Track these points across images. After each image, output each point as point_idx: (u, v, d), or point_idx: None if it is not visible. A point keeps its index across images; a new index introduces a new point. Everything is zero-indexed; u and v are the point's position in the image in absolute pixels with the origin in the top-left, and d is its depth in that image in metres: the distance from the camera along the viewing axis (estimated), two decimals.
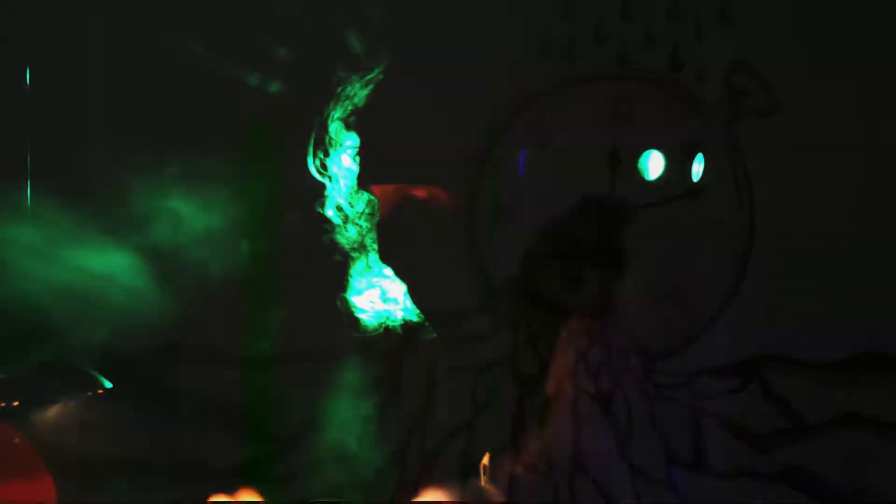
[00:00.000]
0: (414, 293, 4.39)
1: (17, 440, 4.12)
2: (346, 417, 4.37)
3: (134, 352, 4.36)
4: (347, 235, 4.37)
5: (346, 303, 4.35)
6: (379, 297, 4.38)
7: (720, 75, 4.43)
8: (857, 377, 4.39)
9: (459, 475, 4.34)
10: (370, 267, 4.39)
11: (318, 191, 4.33)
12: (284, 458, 4.44)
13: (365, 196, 4.39)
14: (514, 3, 4.41)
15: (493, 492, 4.19)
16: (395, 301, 4.39)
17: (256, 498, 4.06)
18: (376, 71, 4.29)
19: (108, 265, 4.24)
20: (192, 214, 4.27)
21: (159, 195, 4.28)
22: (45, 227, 4.24)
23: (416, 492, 4.22)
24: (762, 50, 4.41)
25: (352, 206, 4.38)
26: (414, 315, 4.39)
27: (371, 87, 4.30)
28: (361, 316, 4.37)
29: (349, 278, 4.36)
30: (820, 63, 4.38)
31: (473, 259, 4.47)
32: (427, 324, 4.39)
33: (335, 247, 4.35)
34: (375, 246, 4.38)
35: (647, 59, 4.45)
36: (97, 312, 4.25)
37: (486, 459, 4.24)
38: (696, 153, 4.42)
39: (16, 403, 4.23)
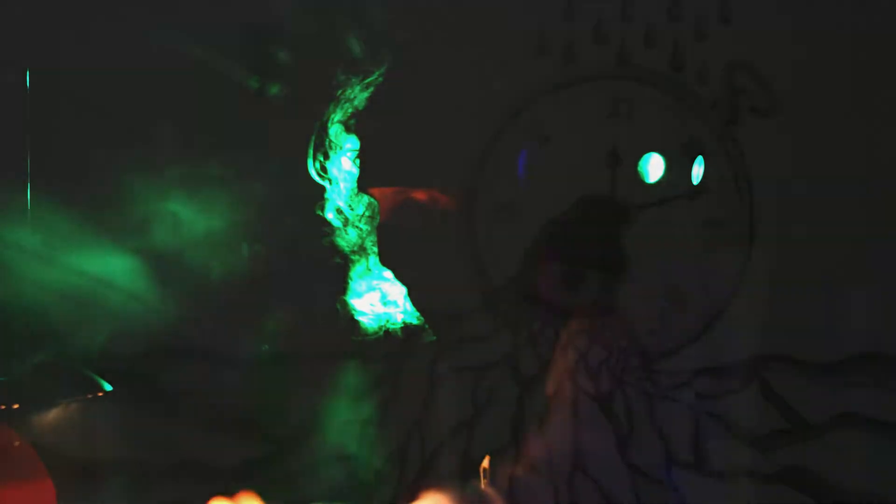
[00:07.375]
0: (414, 295, 4.39)
1: (17, 443, 4.13)
2: (346, 419, 4.38)
3: (134, 353, 4.37)
4: (347, 238, 4.37)
5: (346, 305, 4.36)
6: (379, 299, 4.39)
7: (720, 75, 4.43)
8: (857, 377, 4.39)
9: (459, 476, 4.35)
10: (370, 270, 4.40)
11: (317, 193, 4.34)
12: (284, 458, 4.44)
13: (365, 199, 4.39)
14: (514, 3, 4.41)
15: (493, 495, 4.19)
16: (395, 304, 4.39)
17: (257, 500, 4.06)
18: (376, 74, 4.29)
19: (107, 268, 4.25)
20: (191, 217, 4.28)
21: (159, 198, 4.29)
22: (45, 230, 4.24)
23: (415, 494, 4.22)
24: (762, 50, 4.40)
25: (352, 209, 4.38)
26: (414, 318, 4.39)
27: (371, 89, 4.31)
28: (361, 319, 4.38)
29: (349, 281, 4.37)
30: (820, 63, 4.38)
31: (473, 260, 4.47)
32: (427, 326, 4.40)
33: (335, 249, 4.36)
34: (375, 249, 4.38)
35: (647, 59, 4.44)
36: (97, 315, 4.26)
37: (485, 462, 4.24)
38: (697, 155, 4.41)
39: (16, 406, 4.23)
